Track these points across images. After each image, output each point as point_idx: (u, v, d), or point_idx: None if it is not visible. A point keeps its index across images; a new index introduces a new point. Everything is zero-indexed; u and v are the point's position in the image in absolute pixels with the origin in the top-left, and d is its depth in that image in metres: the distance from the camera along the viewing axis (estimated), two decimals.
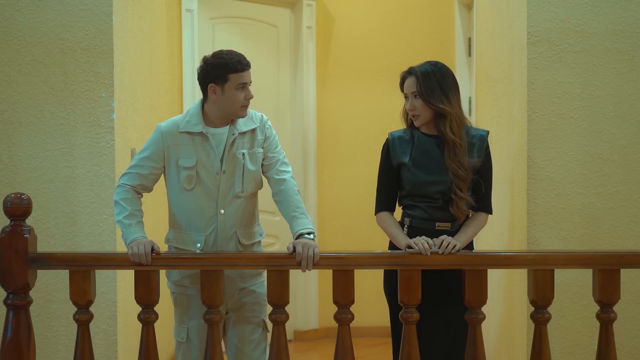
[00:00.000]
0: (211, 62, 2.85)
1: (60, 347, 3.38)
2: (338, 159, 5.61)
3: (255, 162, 2.94)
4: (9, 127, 3.37)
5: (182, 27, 4.84)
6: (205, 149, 2.88)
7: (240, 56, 2.86)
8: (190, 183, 2.88)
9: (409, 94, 2.94)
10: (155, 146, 2.89)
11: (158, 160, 2.89)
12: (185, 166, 2.87)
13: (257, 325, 2.98)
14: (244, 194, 2.92)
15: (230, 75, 2.82)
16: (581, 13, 3.30)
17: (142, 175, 2.88)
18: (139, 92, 3.85)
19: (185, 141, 2.88)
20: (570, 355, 3.31)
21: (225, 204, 2.90)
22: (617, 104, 3.31)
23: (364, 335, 5.20)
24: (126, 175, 2.89)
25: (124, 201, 2.83)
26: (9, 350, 2.57)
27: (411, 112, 2.95)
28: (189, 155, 2.87)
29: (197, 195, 2.89)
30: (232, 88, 2.83)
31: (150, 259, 2.66)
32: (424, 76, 2.90)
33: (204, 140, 2.88)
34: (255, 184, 2.96)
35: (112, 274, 3.37)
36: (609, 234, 3.31)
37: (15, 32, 3.36)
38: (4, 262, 2.57)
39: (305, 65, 5.43)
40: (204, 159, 2.87)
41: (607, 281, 2.67)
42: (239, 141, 2.91)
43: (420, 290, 2.67)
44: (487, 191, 2.98)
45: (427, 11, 5.59)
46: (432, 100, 2.88)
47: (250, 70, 2.86)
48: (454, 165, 2.87)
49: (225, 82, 2.83)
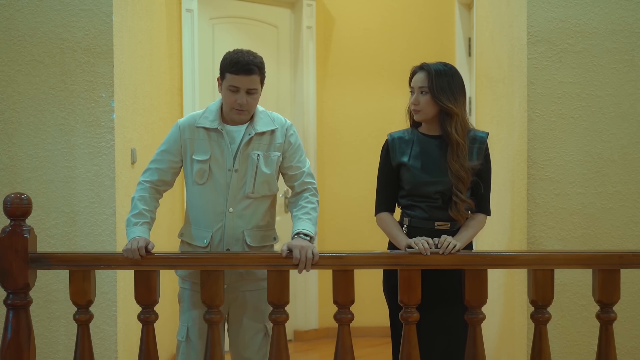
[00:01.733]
0: (225, 56, 2.89)
1: (60, 347, 3.38)
2: (338, 159, 5.61)
3: (270, 166, 2.93)
4: (9, 127, 3.37)
5: (182, 27, 4.84)
6: (219, 145, 2.89)
7: (244, 59, 2.83)
8: (202, 177, 2.89)
9: (416, 88, 2.94)
10: (173, 140, 2.93)
11: (176, 153, 2.92)
12: (199, 159, 2.89)
13: (258, 330, 2.96)
14: (255, 195, 2.91)
15: (227, 74, 2.85)
16: (581, 13, 3.30)
17: (161, 169, 2.92)
18: (139, 92, 3.85)
19: (201, 136, 2.90)
20: (570, 355, 3.31)
21: (234, 203, 2.90)
22: (617, 104, 3.31)
23: (364, 335, 5.21)
24: (147, 172, 2.93)
25: (139, 200, 2.87)
26: (9, 350, 2.57)
27: (413, 107, 2.96)
28: (204, 149, 2.89)
29: (208, 190, 2.90)
30: (226, 87, 2.86)
31: (141, 254, 2.64)
32: (436, 73, 2.92)
33: (219, 137, 2.89)
34: (268, 187, 2.94)
35: (112, 274, 3.37)
36: (609, 234, 3.31)
37: (15, 32, 3.36)
38: (4, 262, 2.57)
39: (305, 65, 5.43)
40: (217, 154, 2.89)
41: (607, 281, 2.67)
42: (255, 142, 2.91)
43: (420, 290, 2.67)
44: (486, 193, 2.98)
45: (427, 11, 5.59)
46: (441, 97, 2.89)
47: (251, 77, 2.82)
48: (457, 167, 2.87)
49: (223, 79, 2.87)
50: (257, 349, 2.96)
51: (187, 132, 2.91)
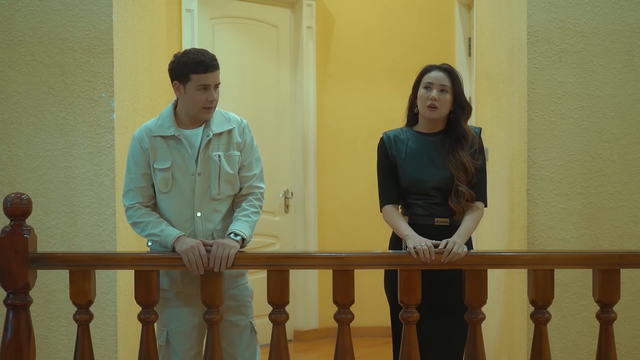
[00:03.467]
0: (177, 60, 2.85)
1: (60, 347, 3.38)
2: (338, 159, 5.61)
3: (232, 165, 2.91)
4: (9, 127, 3.37)
5: (182, 27, 4.84)
6: (179, 151, 2.87)
7: (206, 57, 2.82)
8: (166, 185, 2.87)
9: (437, 85, 2.98)
10: (137, 153, 2.90)
11: (145, 165, 2.89)
12: (160, 168, 2.86)
13: (244, 327, 2.96)
14: (221, 196, 2.90)
15: (192, 76, 2.81)
16: (581, 13, 3.30)
17: (140, 187, 2.90)
18: (139, 92, 3.85)
19: (159, 145, 2.88)
20: (570, 355, 3.31)
21: (202, 207, 2.88)
22: (617, 104, 3.31)
23: (364, 335, 5.21)
24: (127, 195, 2.90)
25: (140, 218, 2.86)
26: (9, 350, 2.57)
27: (435, 102, 2.97)
28: (165, 157, 2.87)
29: (173, 197, 2.88)
30: (193, 88, 2.82)
31: (201, 253, 2.67)
32: (455, 73, 3.02)
33: (178, 143, 2.87)
34: (232, 186, 2.93)
35: (112, 274, 3.37)
36: (609, 234, 3.31)
37: (15, 32, 3.36)
38: (4, 262, 2.57)
39: (305, 65, 5.43)
40: (179, 161, 2.87)
41: (607, 281, 2.67)
42: (214, 143, 2.90)
43: (420, 290, 2.67)
44: (482, 183, 3.01)
45: (427, 11, 5.59)
46: (462, 96, 3.01)
47: (217, 72, 2.83)
48: (467, 160, 2.93)
49: (187, 82, 2.83)
50: (245, 346, 2.95)
51: (146, 142, 2.88)
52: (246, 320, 2.97)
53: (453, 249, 2.68)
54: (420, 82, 3.02)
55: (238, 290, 2.96)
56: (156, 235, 2.82)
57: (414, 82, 3.05)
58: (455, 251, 2.68)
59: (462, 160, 2.93)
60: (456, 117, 2.99)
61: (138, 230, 2.88)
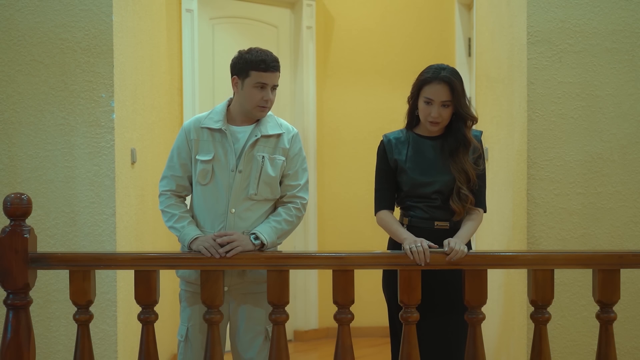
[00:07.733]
0: (240, 56, 2.91)
1: (60, 347, 3.38)
2: (338, 159, 5.61)
3: (275, 169, 2.92)
4: (9, 127, 3.37)
5: (182, 27, 4.84)
6: (223, 145, 2.90)
7: (269, 57, 2.88)
8: (205, 178, 2.90)
9: (438, 101, 2.88)
10: (181, 144, 2.96)
11: (186, 157, 2.95)
12: (202, 160, 2.90)
13: (258, 333, 2.94)
14: (258, 197, 2.91)
15: (252, 72, 2.86)
16: (581, 13, 3.30)
17: (176, 176, 2.96)
18: (139, 92, 3.85)
19: (205, 136, 2.92)
20: (570, 355, 3.32)
21: (236, 204, 2.89)
22: (617, 104, 3.31)
23: (364, 335, 5.20)
24: (163, 180, 2.97)
25: (169, 208, 2.92)
26: (9, 350, 2.57)
27: (436, 120, 2.90)
28: (207, 150, 2.91)
29: (210, 190, 2.91)
30: (251, 85, 2.87)
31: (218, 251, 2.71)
32: (455, 85, 2.88)
33: (223, 137, 2.91)
34: (271, 190, 2.92)
35: (112, 274, 3.37)
36: (609, 234, 3.31)
37: (15, 32, 3.36)
38: (4, 262, 2.57)
39: (305, 65, 5.43)
40: (221, 155, 2.90)
41: (606, 281, 2.67)
42: (261, 144, 2.91)
43: (420, 290, 2.67)
44: (482, 189, 3.00)
45: (426, 11, 5.59)
46: (464, 108, 2.90)
47: (276, 74, 2.88)
48: (469, 165, 2.90)
49: (246, 78, 2.87)
50: (258, 352, 2.94)
51: (193, 133, 2.93)
52: (261, 327, 2.94)
53: (457, 248, 2.69)
54: (420, 91, 2.92)
55: (259, 297, 2.91)
56: (177, 230, 2.88)
57: (413, 86, 2.96)
58: (458, 249, 2.68)
59: (463, 165, 2.90)
60: (457, 125, 2.93)
61: (165, 218, 2.94)
